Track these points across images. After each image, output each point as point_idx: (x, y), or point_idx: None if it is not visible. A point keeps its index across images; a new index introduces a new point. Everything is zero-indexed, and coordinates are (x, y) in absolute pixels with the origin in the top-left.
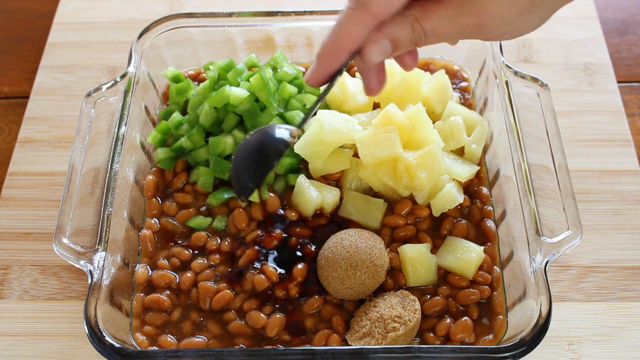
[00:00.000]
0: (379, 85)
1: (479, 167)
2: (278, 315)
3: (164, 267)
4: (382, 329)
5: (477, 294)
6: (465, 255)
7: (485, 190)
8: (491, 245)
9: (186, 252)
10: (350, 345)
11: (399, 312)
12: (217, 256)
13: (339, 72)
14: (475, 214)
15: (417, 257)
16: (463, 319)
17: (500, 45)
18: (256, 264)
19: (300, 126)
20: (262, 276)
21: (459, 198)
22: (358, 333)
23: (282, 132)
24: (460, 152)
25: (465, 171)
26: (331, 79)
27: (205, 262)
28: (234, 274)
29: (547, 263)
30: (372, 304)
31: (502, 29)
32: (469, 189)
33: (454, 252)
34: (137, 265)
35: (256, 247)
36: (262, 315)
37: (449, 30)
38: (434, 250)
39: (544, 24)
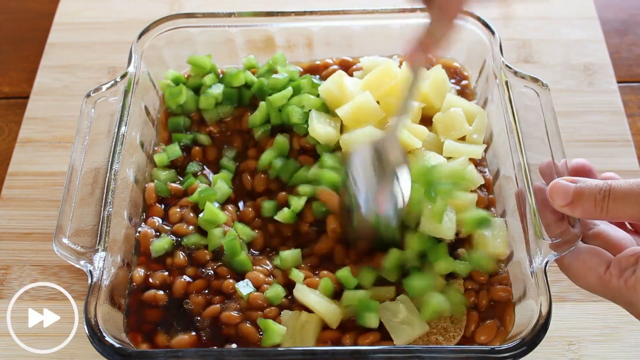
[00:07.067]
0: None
1: (486, 145)
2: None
3: (162, 266)
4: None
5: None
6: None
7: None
8: None
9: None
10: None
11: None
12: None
13: None
14: None
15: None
16: (488, 322)
17: (500, 46)
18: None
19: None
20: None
21: (480, 179)
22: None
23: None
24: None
25: (478, 149)
26: None
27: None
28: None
29: (547, 263)
30: None
31: None
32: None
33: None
34: (135, 263)
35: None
36: (251, 327)
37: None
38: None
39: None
